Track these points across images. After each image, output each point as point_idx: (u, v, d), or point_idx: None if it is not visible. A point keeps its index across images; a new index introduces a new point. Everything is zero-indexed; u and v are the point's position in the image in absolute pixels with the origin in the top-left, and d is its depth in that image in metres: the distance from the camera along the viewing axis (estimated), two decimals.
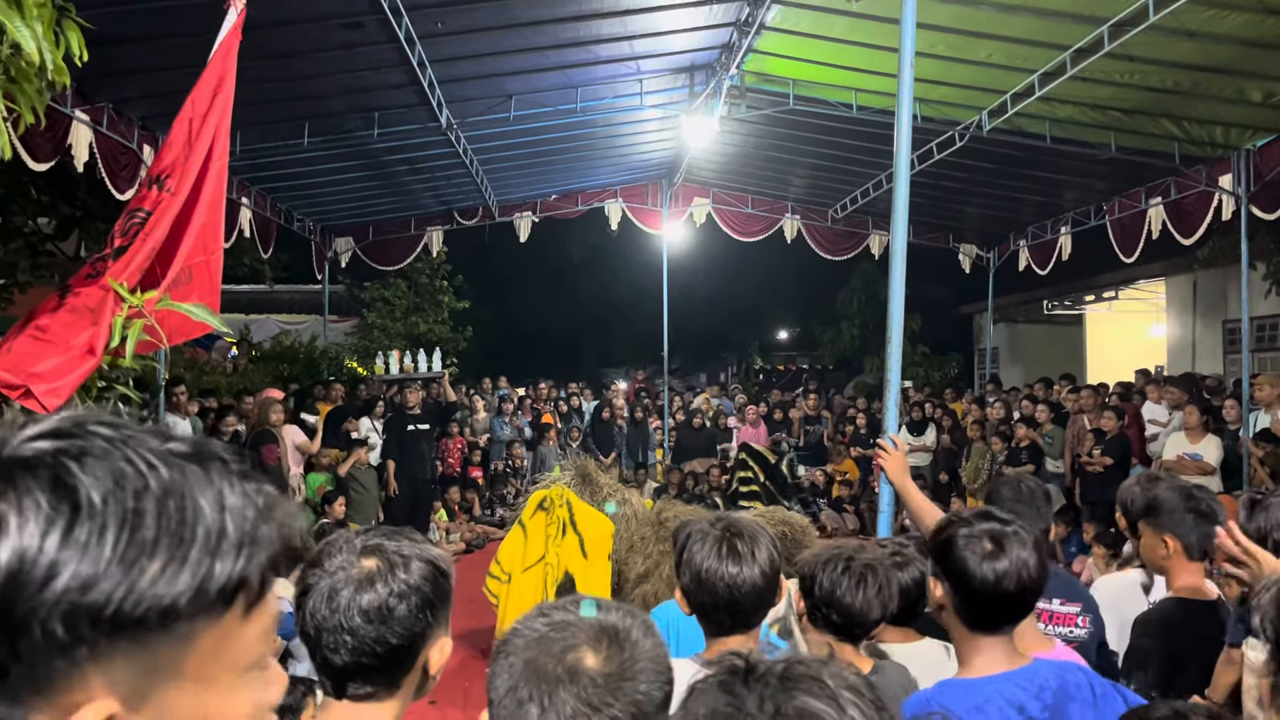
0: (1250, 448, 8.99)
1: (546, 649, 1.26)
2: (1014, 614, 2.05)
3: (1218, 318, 15.35)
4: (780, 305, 31.16)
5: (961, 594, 2.04)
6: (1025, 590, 2.00)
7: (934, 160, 10.81)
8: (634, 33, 9.05)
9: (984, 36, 8.24)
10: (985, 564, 1.99)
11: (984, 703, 1.98)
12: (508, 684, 1.25)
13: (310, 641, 1.49)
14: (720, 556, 2.12)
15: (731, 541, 2.14)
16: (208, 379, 12.06)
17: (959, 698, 2.00)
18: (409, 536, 1.56)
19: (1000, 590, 1.99)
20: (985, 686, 2.01)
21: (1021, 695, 1.99)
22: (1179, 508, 2.95)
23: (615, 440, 15.06)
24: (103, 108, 7.92)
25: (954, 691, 2.04)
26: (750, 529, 2.18)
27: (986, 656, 2.06)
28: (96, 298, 3.65)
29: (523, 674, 1.24)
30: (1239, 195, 9.76)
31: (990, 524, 2.05)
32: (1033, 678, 2.02)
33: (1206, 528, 2.91)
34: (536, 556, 6.15)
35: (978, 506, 2.29)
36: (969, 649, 2.09)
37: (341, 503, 9.32)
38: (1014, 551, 1.99)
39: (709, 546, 2.14)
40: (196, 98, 3.97)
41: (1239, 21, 7.22)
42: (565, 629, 1.28)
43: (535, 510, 6.35)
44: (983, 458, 11.99)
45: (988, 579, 1.99)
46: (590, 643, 1.27)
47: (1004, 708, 1.97)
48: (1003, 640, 2.06)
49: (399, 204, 13.83)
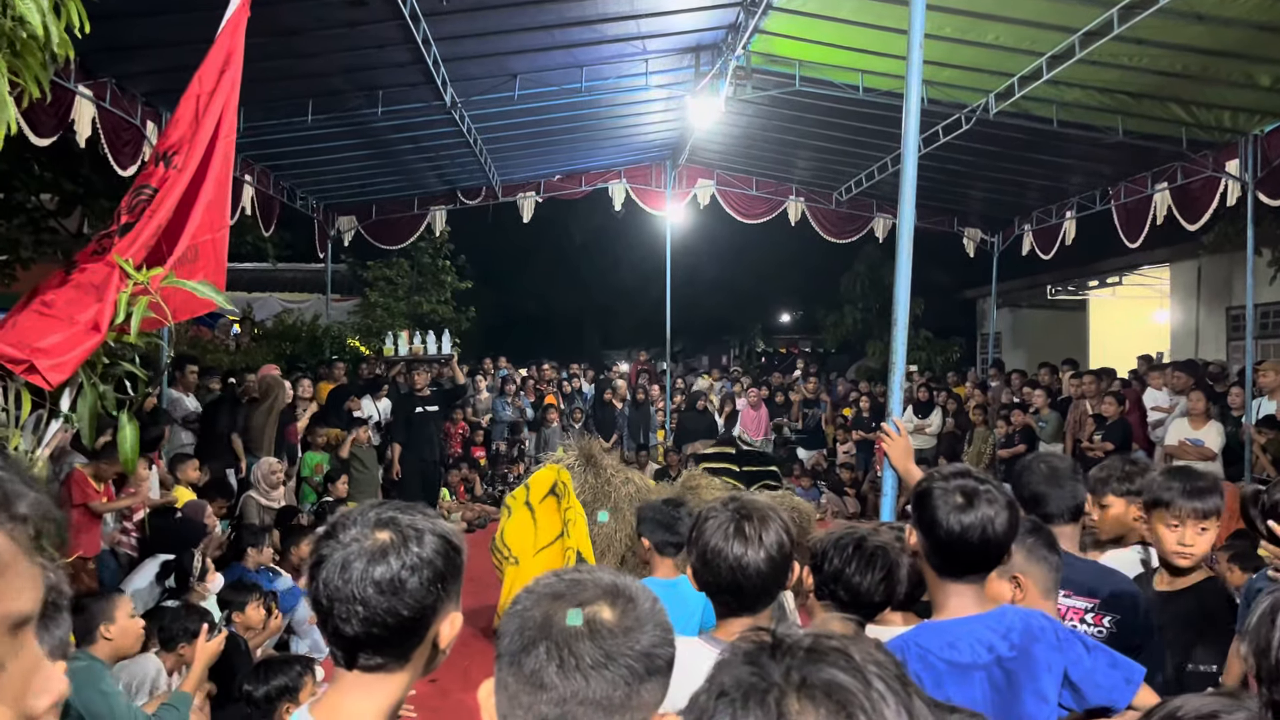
0: (1252, 434, 9.00)
1: (561, 605, 1.27)
2: (978, 564, 2.21)
3: (1222, 304, 15.32)
4: (783, 288, 31.10)
5: (931, 541, 2.21)
6: (988, 543, 2.16)
7: (939, 143, 10.76)
8: (640, 12, 9.00)
9: (992, 18, 8.18)
10: (953, 515, 2.16)
11: (956, 640, 2.15)
12: (520, 641, 1.26)
13: (322, 611, 1.50)
14: (727, 536, 2.16)
15: (740, 523, 2.16)
16: (210, 357, 12.07)
17: (933, 637, 2.17)
18: (423, 511, 1.57)
19: (965, 540, 2.15)
20: (956, 627, 2.18)
21: (990, 635, 2.15)
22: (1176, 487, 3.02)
23: (617, 422, 15.08)
24: (106, 83, 7.88)
25: (928, 632, 2.20)
26: (762, 512, 2.21)
27: (958, 600, 2.22)
28: (102, 274, 3.64)
29: (540, 628, 1.26)
30: (1245, 181, 9.72)
31: (965, 480, 2.21)
32: (1000, 620, 2.19)
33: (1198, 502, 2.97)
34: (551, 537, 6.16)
35: (959, 465, 2.39)
36: (941, 595, 2.25)
37: (344, 481, 9.37)
38: (982, 507, 2.15)
39: (718, 526, 2.17)
40: (204, 74, 3.95)
41: (1249, 5, 7.16)
42: (578, 586, 1.30)
43: (547, 494, 6.35)
44: (985, 442, 12.01)
45: (953, 529, 2.15)
46: (605, 598, 1.28)
47: (974, 645, 2.14)
48: (972, 588, 2.22)
49: (402, 183, 13.79)
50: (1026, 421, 11.45)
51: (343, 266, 18.79)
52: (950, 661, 2.11)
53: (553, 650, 1.23)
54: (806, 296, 29.24)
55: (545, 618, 1.26)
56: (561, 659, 1.22)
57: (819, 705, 0.87)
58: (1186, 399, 9.74)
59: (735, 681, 0.92)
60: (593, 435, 10.11)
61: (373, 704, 1.52)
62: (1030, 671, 2.12)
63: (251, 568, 6.64)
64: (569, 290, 29.43)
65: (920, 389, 13.84)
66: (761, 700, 0.89)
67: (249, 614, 5.40)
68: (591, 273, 29.21)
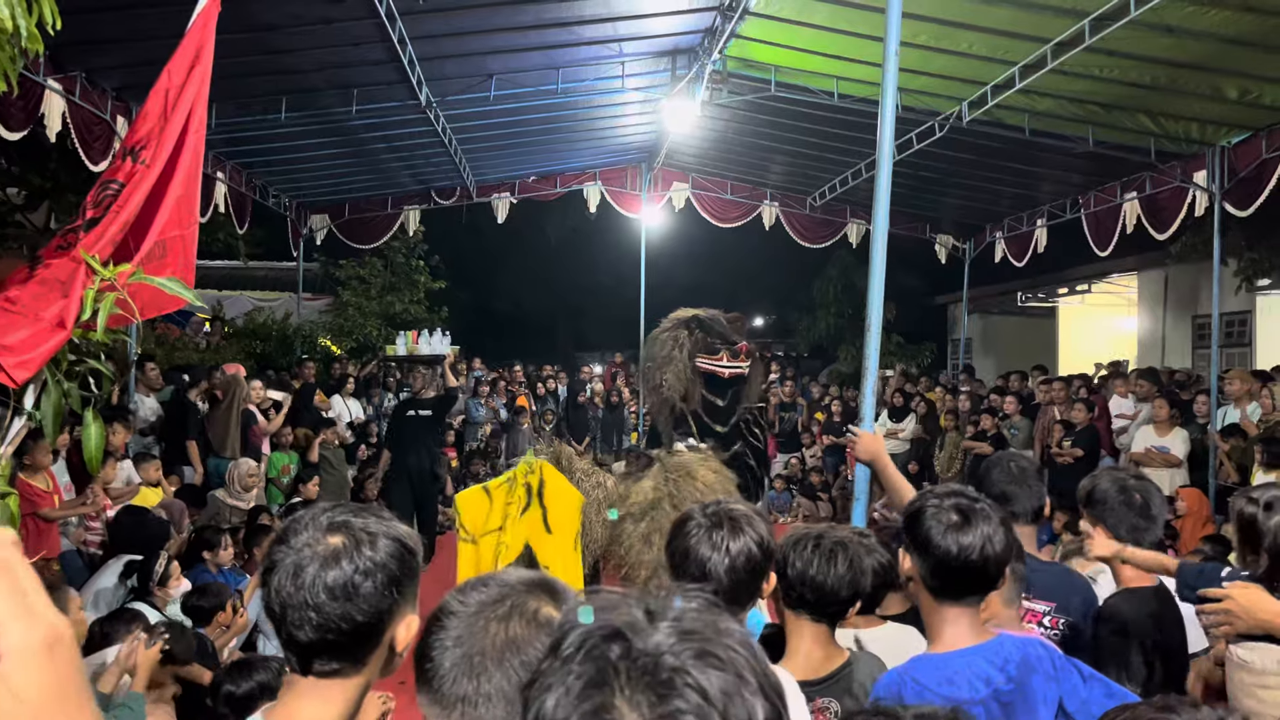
0: (1217, 441, 9.12)
1: (496, 620, 1.27)
2: (976, 586, 2.14)
3: (1188, 313, 15.52)
4: (757, 292, 31.17)
5: (927, 564, 2.13)
6: (988, 562, 2.09)
7: (913, 150, 10.83)
8: (617, 14, 9.00)
9: (966, 27, 8.25)
10: (949, 535, 2.09)
11: (954, 675, 2.08)
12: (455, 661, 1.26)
13: (275, 618, 1.48)
14: (699, 540, 2.16)
15: (711, 530, 2.16)
16: (179, 355, 11.94)
17: (930, 671, 2.10)
18: (376, 513, 1.55)
19: (963, 561, 2.08)
20: (954, 660, 2.11)
21: (987, 668, 2.09)
22: (1114, 499, 3.00)
23: (590, 424, 15.06)
24: (75, 77, 7.78)
25: (925, 666, 2.13)
26: (737, 520, 2.20)
27: (954, 629, 2.15)
28: (68, 270, 3.59)
29: (479, 652, 1.25)
30: (1213, 192, 9.85)
31: (959, 499, 2.15)
32: (998, 651, 2.12)
33: (1138, 520, 2.96)
34: (495, 525, 6.08)
35: (950, 484, 2.35)
36: (937, 620, 2.19)
37: (316, 482, 9.27)
38: (979, 526, 2.08)
39: (694, 529, 2.18)
40: (173, 69, 3.90)
41: (1218, 18, 7.27)
42: (506, 592, 1.30)
43: (503, 481, 6.28)
44: (956, 447, 12.09)
45: (950, 550, 2.08)
46: (538, 597, 1.28)
47: (972, 680, 2.07)
48: (968, 613, 2.15)
49: (376, 182, 13.72)
50: (997, 427, 11.54)
51: (315, 265, 18.64)
52: (948, 698, 2.05)
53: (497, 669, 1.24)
54: (780, 300, 29.33)
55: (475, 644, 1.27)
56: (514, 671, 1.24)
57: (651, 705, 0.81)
58: (1151, 406, 9.87)
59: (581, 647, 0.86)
60: (565, 438, 10.05)
61: (329, 710, 1.50)
62: (1027, 704, 2.09)
63: (213, 570, 6.56)
64: (543, 292, 29.36)
65: (895, 394, 13.91)
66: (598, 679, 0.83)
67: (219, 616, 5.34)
68: (566, 274, 29.16)
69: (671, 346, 7.24)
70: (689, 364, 7.13)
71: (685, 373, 7.11)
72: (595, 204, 14.80)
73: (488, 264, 26.67)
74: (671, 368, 7.16)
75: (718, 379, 7.15)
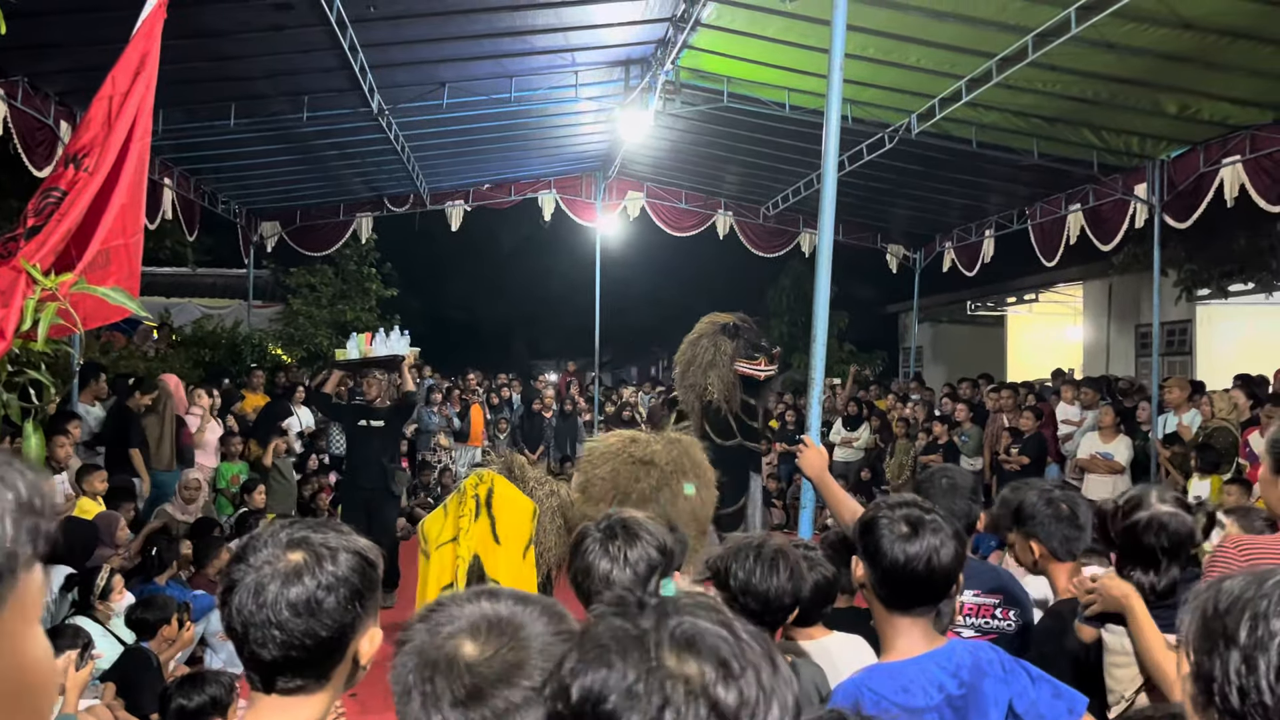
0: (1159, 449, 9.33)
1: (433, 637, 1.28)
2: (926, 596, 2.15)
3: (1131, 322, 15.85)
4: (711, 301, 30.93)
5: (877, 572, 2.16)
6: (934, 573, 2.10)
7: (863, 161, 10.97)
8: (569, 24, 9.03)
9: (913, 41, 8.39)
10: (898, 545, 2.10)
11: (909, 683, 2.10)
12: (402, 673, 1.27)
13: (237, 637, 1.47)
14: (597, 554, 2.21)
15: (607, 543, 2.21)
16: (124, 364, 11.72)
17: (886, 680, 2.12)
18: (335, 528, 1.55)
19: (910, 571, 2.10)
20: (908, 668, 2.13)
21: (941, 675, 2.11)
22: (1042, 513, 3.06)
23: (544, 433, 15.01)
24: (17, 82, 7.64)
25: (880, 675, 2.15)
26: (632, 525, 2.24)
27: (907, 638, 2.16)
28: (8, 279, 3.53)
29: (415, 664, 1.26)
30: (1153, 204, 10.09)
31: (911, 510, 2.17)
32: (950, 657, 2.14)
33: (1069, 530, 3.03)
34: (448, 536, 6.07)
35: (905, 494, 2.39)
36: (890, 630, 2.20)
37: (261, 491, 9.15)
38: (927, 537, 2.10)
39: (590, 545, 2.23)
40: (118, 75, 3.85)
41: (1156, 36, 7.47)
42: (450, 618, 1.30)
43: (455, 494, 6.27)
44: (906, 454, 12.23)
45: (898, 560, 2.10)
46: (468, 632, 1.28)
47: (926, 687, 2.09)
48: (920, 623, 2.17)
49: (328, 189, 13.60)
50: (949, 435, 11.69)
51: (265, 272, 18.42)
52: (904, 706, 2.08)
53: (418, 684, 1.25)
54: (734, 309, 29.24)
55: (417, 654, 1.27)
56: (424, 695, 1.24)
57: (695, 655, 0.91)
58: (1097, 413, 10.06)
59: (609, 629, 0.94)
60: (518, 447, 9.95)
61: None
62: (979, 708, 2.11)
63: (161, 582, 6.46)
64: (497, 300, 29.28)
65: (849, 402, 14.02)
66: (639, 644, 0.91)
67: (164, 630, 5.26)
68: (520, 283, 29.11)
69: (714, 352, 7.58)
70: (731, 369, 7.47)
71: (728, 376, 7.48)
72: (550, 212, 14.79)
73: (441, 272, 26.53)
74: (716, 372, 7.51)
75: (753, 381, 7.57)
